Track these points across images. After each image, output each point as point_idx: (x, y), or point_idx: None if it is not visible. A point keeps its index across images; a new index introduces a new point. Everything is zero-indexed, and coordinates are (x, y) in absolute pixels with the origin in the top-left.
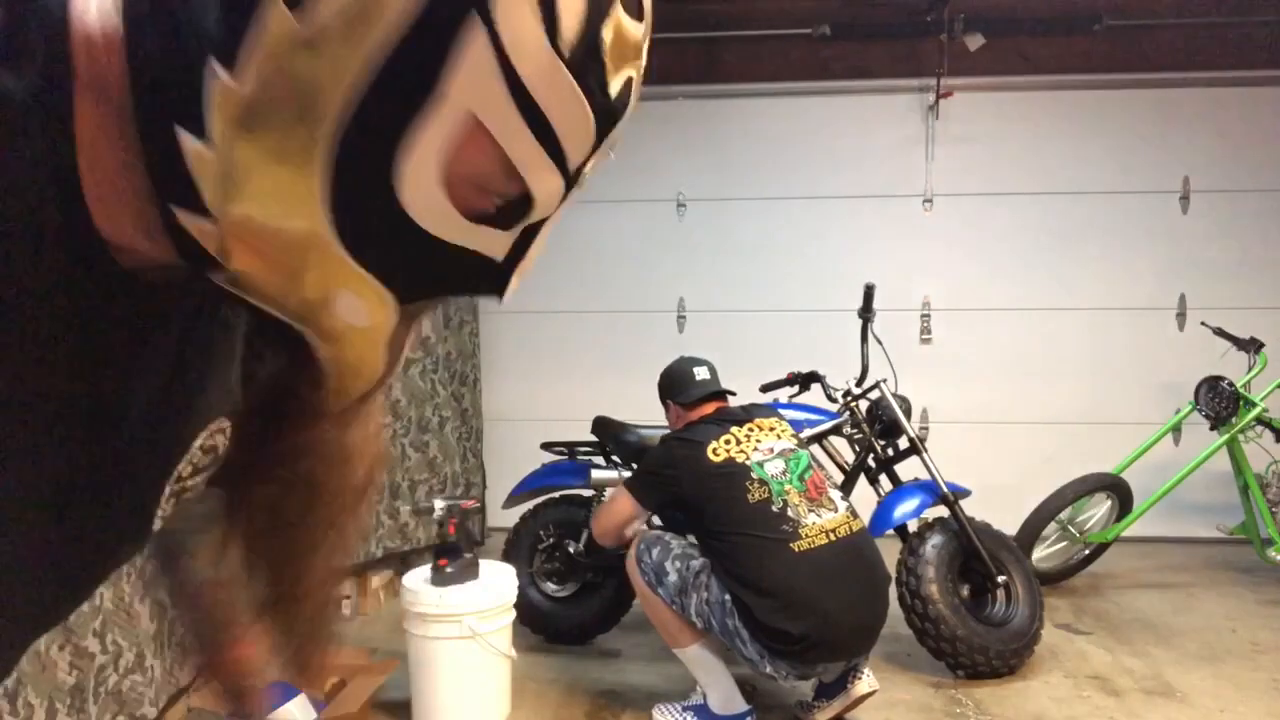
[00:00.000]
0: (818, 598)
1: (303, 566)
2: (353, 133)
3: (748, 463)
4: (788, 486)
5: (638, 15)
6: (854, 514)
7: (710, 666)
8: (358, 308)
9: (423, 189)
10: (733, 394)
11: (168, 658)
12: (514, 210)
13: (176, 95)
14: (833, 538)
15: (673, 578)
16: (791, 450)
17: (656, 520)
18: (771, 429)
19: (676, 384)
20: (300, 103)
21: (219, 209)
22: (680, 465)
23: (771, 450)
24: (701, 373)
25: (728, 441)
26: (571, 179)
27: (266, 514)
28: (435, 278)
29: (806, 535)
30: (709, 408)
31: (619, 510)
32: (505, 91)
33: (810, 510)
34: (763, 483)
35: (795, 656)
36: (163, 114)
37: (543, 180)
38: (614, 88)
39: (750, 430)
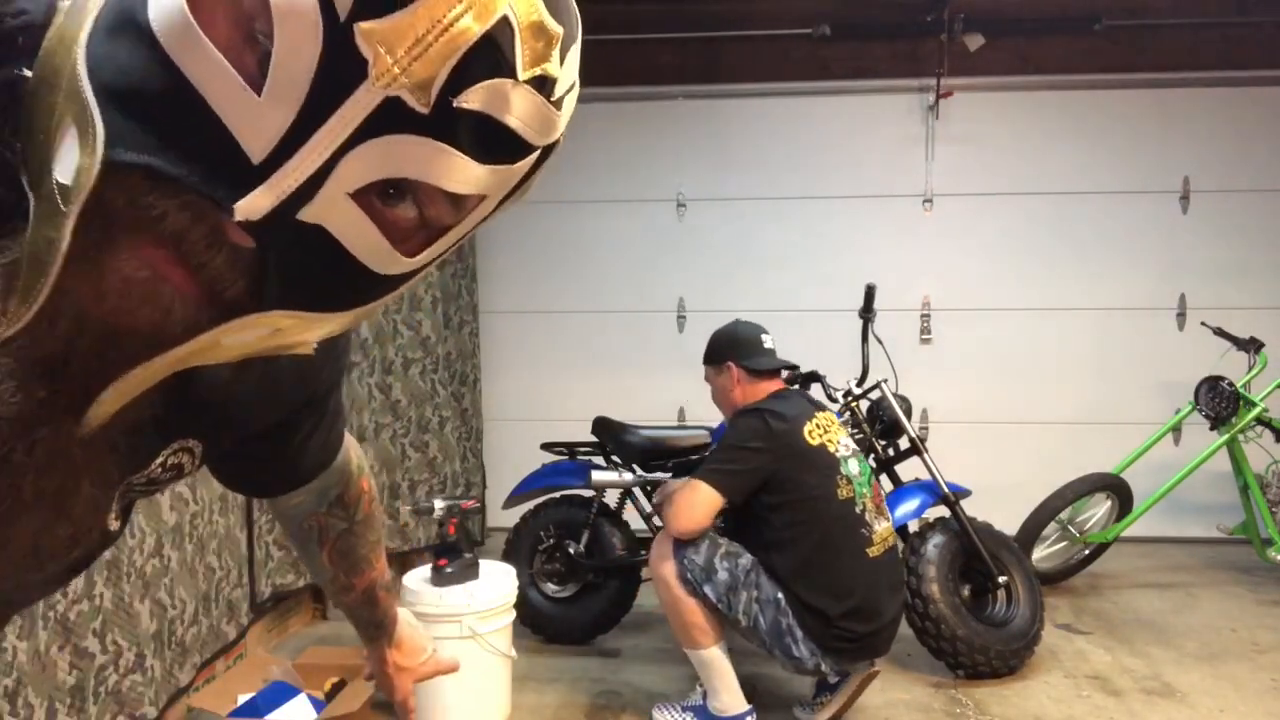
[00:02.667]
0: (877, 601)
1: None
2: None
3: (837, 455)
4: (864, 490)
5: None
6: (897, 534)
7: (722, 670)
8: (69, 147)
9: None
10: (796, 367)
11: (168, 658)
12: (265, 65)
13: None
14: (887, 546)
15: (723, 575)
16: (858, 453)
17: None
18: (841, 429)
19: (744, 345)
20: None
21: None
22: (776, 439)
23: (849, 449)
24: (769, 340)
25: (818, 427)
26: (338, 28)
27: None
28: (162, 134)
29: (876, 541)
30: (773, 384)
31: (703, 503)
32: None
33: (877, 517)
34: (849, 481)
35: (848, 655)
36: None
37: (293, 5)
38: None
39: (831, 421)
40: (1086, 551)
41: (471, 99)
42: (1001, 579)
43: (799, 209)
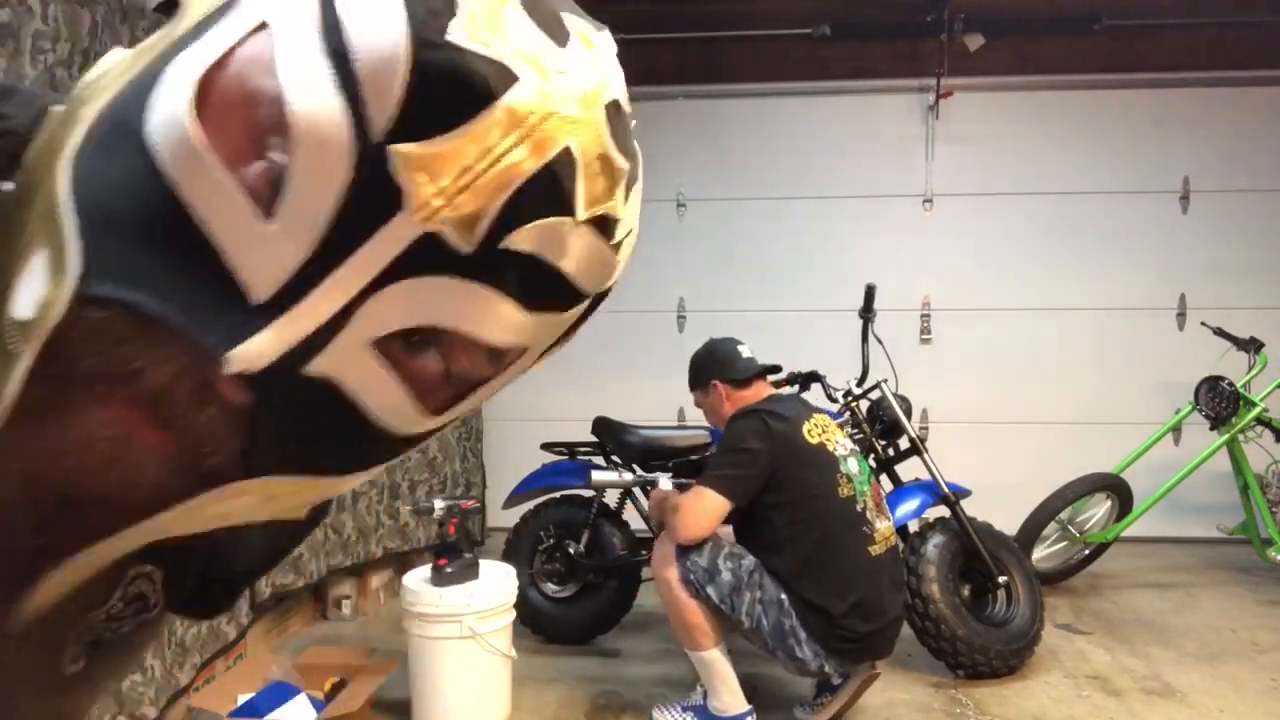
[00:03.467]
0: (879, 599)
1: None
2: None
3: (836, 454)
4: (865, 488)
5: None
6: (897, 534)
7: (723, 671)
8: (35, 278)
9: (170, 104)
10: (778, 369)
11: (168, 658)
12: (278, 183)
13: None
14: (888, 545)
15: (726, 576)
16: (857, 452)
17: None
18: (835, 426)
19: (724, 361)
20: None
21: None
22: (775, 439)
23: (848, 448)
24: (746, 350)
25: (816, 426)
26: (371, 149)
27: None
28: (146, 264)
29: (877, 540)
30: (764, 388)
31: (710, 510)
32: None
33: (878, 516)
34: (849, 479)
35: (852, 654)
36: None
37: (315, 117)
38: (464, 41)
39: (828, 423)
40: (1086, 551)
41: (522, 240)
42: (1001, 579)
43: (799, 209)
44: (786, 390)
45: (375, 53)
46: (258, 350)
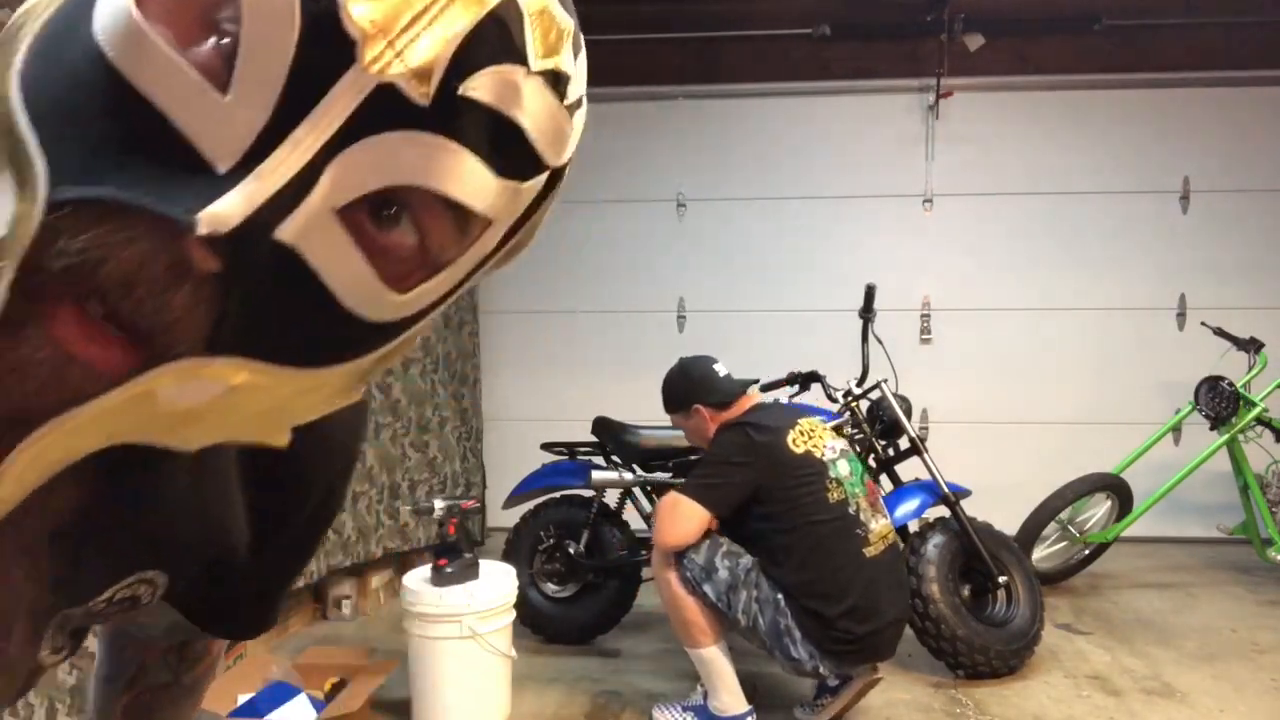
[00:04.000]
0: (880, 602)
1: None
2: None
3: (824, 459)
4: (857, 489)
5: None
6: (897, 534)
7: (722, 669)
8: (5, 195)
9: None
10: (756, 381)
11: None
12: (230, 53)
13: None
14: (886, 544)
15: (723, 574)
16: (847, 451)
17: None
18: (826, 430)
19: (703, 385)
20: None
21: None
22: (759, 452)
23: (836, 450)
24: (720, 368)
25: (802, 434)
26: (318, 2)
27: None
28: (107, 153)
29: (873, 541)
30: (746, 402)
31: (688, 521)
32: None
33: (873, 516)
34: (838, 483)
35: (849, 656)
36: None
37: None
38: None
39: (813, 426)
40: (1086, 551)
41: (478, 87)
42: (1001, 579)
43: (799, 209)
44: (770, 397)
45: None
46: (227, 209)
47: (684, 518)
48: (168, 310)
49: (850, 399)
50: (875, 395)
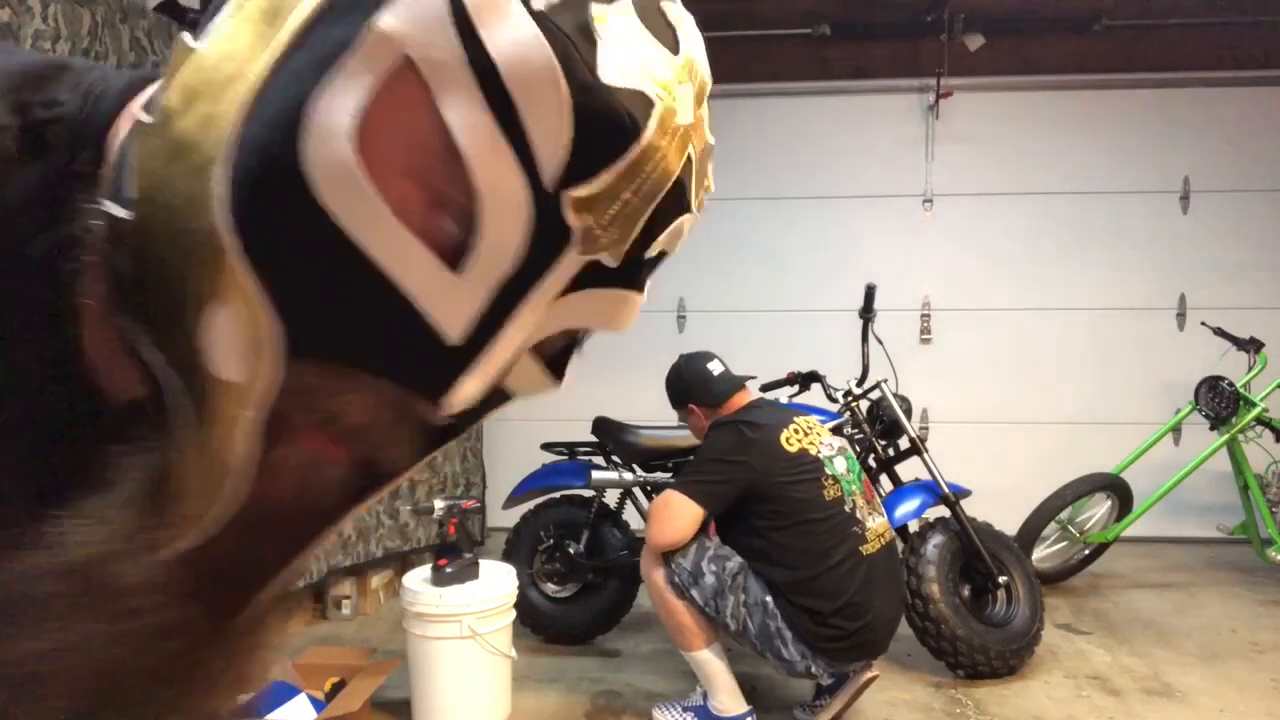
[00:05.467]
0: (874, 599)
1: None
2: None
3: (820, 456)
4: (853, 487)
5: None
6: (897, 534)
7: (717, 670)
8: (230, 340)
9: (329, 145)
10: (753, 378)
11: None
12: (468, 239)
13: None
14: (882, 542)
15: (709, 580)
16: (844, 449)
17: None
18: (822, 428)
19: (698, 385)
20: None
21: None
22: (752, 450)
23: (832, 447)
24: (716, 366)
25: (797, 431)
26: (546, 199)
27: None
28: (343, 320)
29: (870, 539)
30: (743, 396)
31: (679, 518)
32: (452, 32)
33: (869, 514)
34: (835, 480)
35: (840, 655)
36: None
37: (499, 181)
38: (612, 77)
39: (810, 425)
40: (1086, 551)
41: (659, 246)
42: (1001, 579)
43: (799, 209)
44: (769, 396)
45: (539, 103)
46: (469, 394)
47: (675, 515)
48: (394, 446)
49: (850, 399)
50: (875, 395)
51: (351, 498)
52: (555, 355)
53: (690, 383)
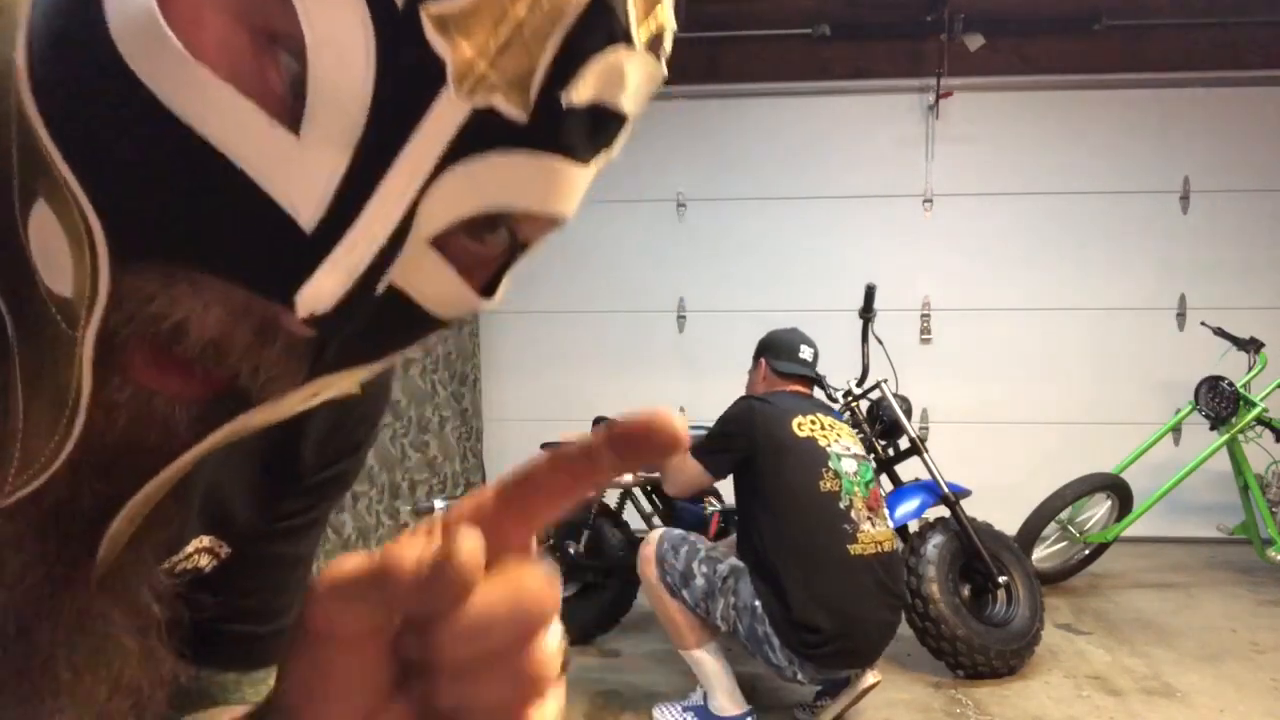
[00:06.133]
0: (855, 602)
1: None
2: None
3: (828, 449)
4: (856, 488)
5: None
6: (895, 533)
7: (715, 668)
8: (54, 244)
9: None
10: (821, 385)
11: None
12: (297, 87)
13: None
14: (879, 549)
15: (699, 581)
16: (863, 457)
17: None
18: (848, 433)
19: (781, 348)
20: None
21: None
22: (757, 425)
23: (848, 449)
24: (807, 352)
25: (813, 422)
26: (395, 20)
27: None
28: (175, 210)
29: (862, 541)
30: (798, 385)
31: (689, 477)
32: None
33: (868, 518)
34: (836, 475)
35: (822, 658)
36: None
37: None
38: None
39: (833, 424)
40: (1086, 551)
41: (584, 90)
42: (1001, 579)
43: (799, 209)
44: (810, 394)
45: None
46: (323, 291)
47: (680, 470)
48: (260, 365)
49: (850, 399)
50: (875, 395)
51: (216, 423)
52: (492, 270)
53: (777, 345)
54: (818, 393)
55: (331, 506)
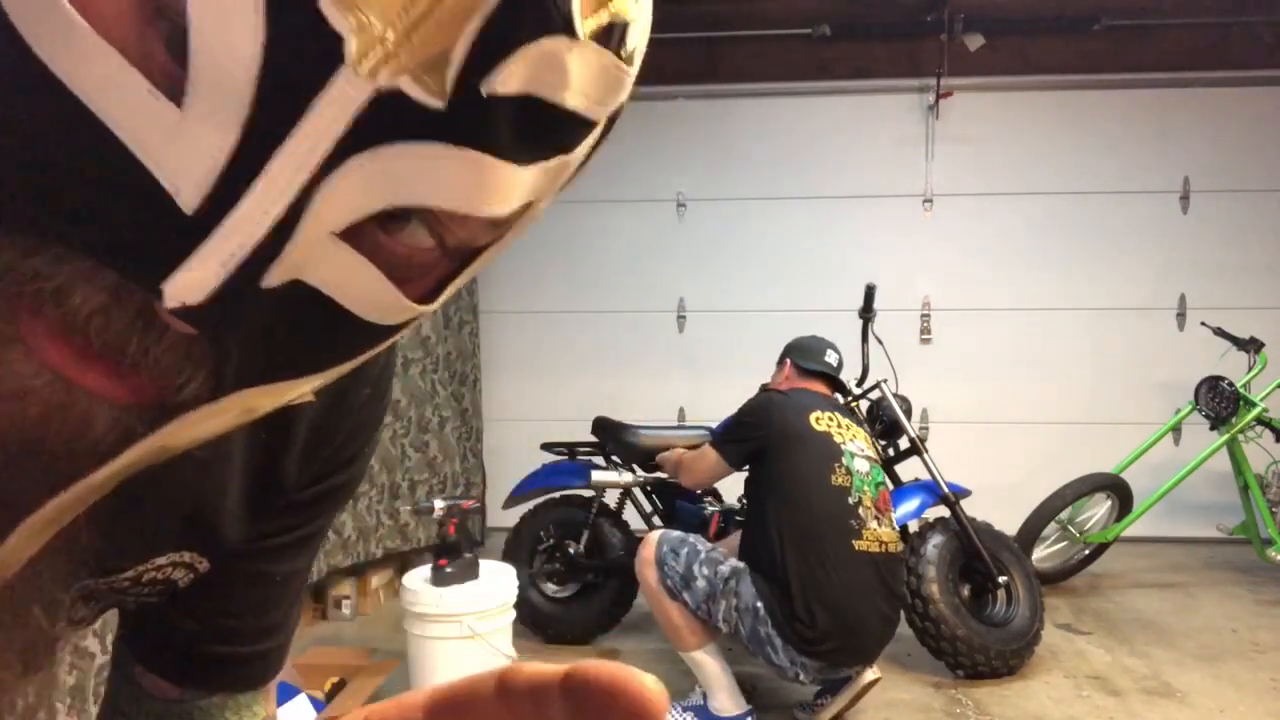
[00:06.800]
0: (856, 598)
1: None
2: None
3: (842, 446)
4: (866, 487)
5: None
6: (900, 537)
7: (714, 669)
8: None
9: None
10: (847, 392)
11: None
12: (180, 54)
13: None
14: (883, 549)
15: (700, 584)
16: (875, 461)
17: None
18: (863, 436)
19: (807, 349)
20: None
21: None
22: (774, 416)
23: (862, 450)
24: (832, 356)
25: (831, 419)
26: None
27: None
28: (44, 175)
29: (867, 538)
30: (819, 385)
31: (708, 466)
32: None
33: (875, 517)
34: (848, 472)
35: (822, 655)
36: None
37: None
38: None
39: (849, 425)
40: (1086, 551)
41: (509, 80)
42: (1001, 579)
43: (799, 209)
44: (826, 393)
45: None
46: (193, 280)
47: (702, 462)
48: (155, 357)
49: (850, 399)
50: (875, 395)
51: (133, 434)
52: (424, 269)
53: (804, 347)
54: (838, 398)
55: (327, 523)
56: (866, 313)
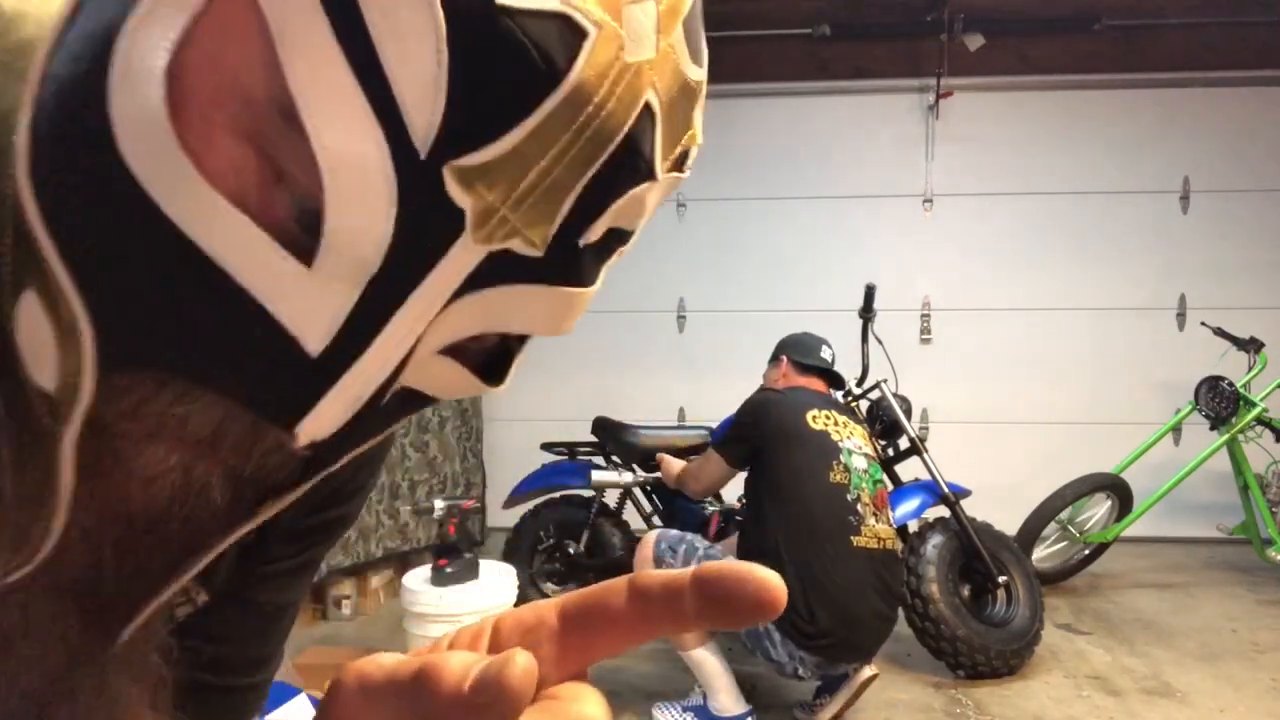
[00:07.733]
0: (854, 594)
1: None
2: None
3: (840, 444)
4: (864, 484)
5: None
6: (897, 536)
7: (714, 669)
8: (41, 337)
9: (137, 89)
10: (842, 388)
11: None
12: (310, 222)
13: None
14: (881, 546)
15: None
16: (873, 458)
17: (672, 531)
18: (861, 433)
19: (801, 345)
20: None
21: None
22: (771, 415)
23: (859, 447)
24: (827, 352)
25: (828, 418)
26: (419, 170)
27: None
28: (174, 321)
29: (866, 534)
30: (817, 383)
31: (712, 470)
32: None
33: (873, 514)
34: (846, 469)
35: (820, 650)
36: None
37: (345, 146)
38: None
39: (847, 422)
40: (1086, 551)
41: (600, 228)
42: (1001, 579)
43: (799, 209)
44: (823, 390)
45: (404, 36)
46: (324, 421)
47: (707, 466)
48: (271, 468)
49: (850, 399)
50: (875, 395)
51: (235, 515)
52: (488, 357)
53: (799, 343)
54: (836, 395)
55: (322, 553)
56: (866, 313)
